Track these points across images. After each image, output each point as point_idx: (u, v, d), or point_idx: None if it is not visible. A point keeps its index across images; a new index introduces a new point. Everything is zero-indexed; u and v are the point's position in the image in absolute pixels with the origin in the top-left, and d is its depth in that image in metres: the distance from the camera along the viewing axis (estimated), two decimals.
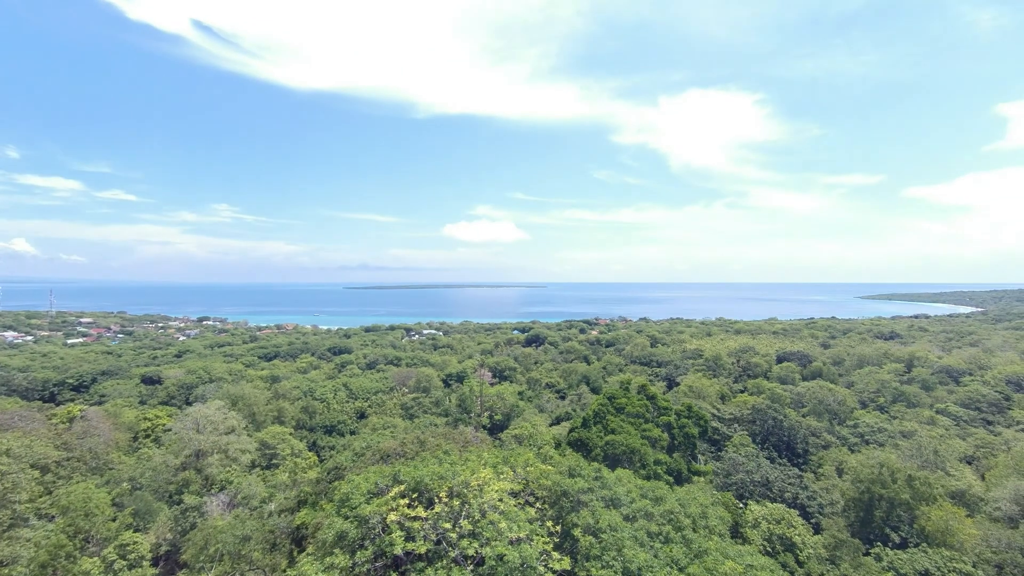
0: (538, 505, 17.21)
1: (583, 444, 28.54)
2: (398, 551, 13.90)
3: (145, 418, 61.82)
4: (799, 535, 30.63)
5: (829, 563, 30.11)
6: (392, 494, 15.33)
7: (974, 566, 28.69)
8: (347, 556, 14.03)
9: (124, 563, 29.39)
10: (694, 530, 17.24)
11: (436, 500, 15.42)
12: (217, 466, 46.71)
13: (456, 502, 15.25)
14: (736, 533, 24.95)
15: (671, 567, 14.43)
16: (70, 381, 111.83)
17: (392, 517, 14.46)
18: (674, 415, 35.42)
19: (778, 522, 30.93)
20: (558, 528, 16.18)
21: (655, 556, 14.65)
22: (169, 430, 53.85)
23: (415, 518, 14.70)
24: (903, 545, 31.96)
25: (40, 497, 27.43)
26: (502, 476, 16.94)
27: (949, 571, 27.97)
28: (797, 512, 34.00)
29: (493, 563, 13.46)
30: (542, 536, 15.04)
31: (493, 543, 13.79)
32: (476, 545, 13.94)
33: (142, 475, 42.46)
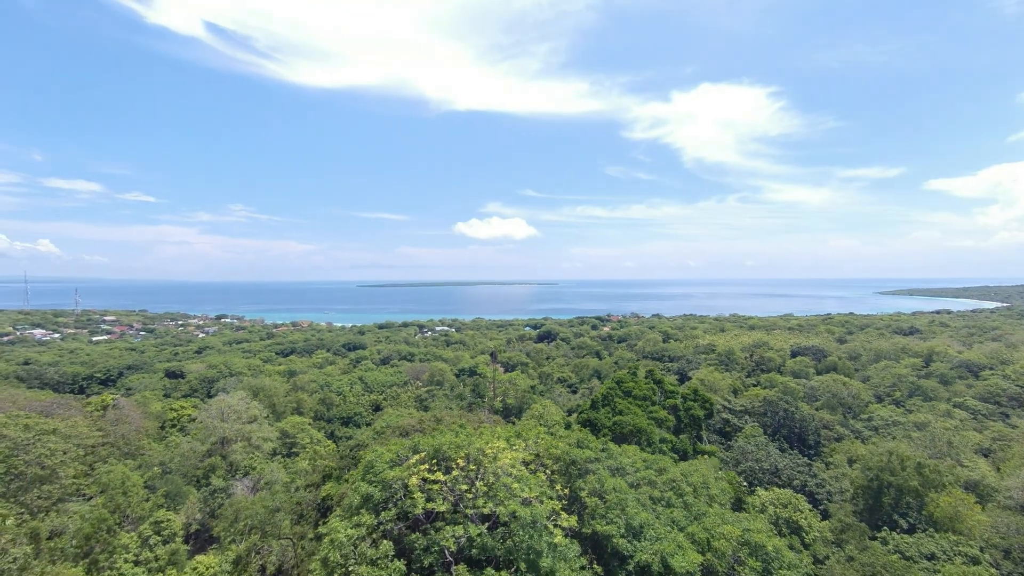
0: (548, 472, 18.28)
1: (592, 424, 29.47)
2: (419, 511, 15.09)
3: (171, 408, 64.37)
4: (805, 519, 31.14)
5: (835, 546, 30.64)
6: (413, 461, 16.54)
7: (981, 550, 28.96)
8: (372, 516, 15.26)
9: (159, 539, 31.29)
10: (695, 497, 18.13)
11: (454, 466, 16.61)
12: (241, 453, 48.72)
13: (472, 467, 16.40)
14: (739, 509, 25.63)
15: (671, 526, 15.36)
16: (98, 375, 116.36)
17: (413, 481, 15.65)
18: (680, 398, 36.13)
19: (785, 506, 31.49)
20: (566, 491, 17.26)
21: (656, 517, 15.61)
22: (194, 420, 56.21)
23: (434, 481, 15.90)
24: (911, 531, 32.30)
25: (82, 476, 29.37)
26: (515, 448, 18.03)
27: (955, 555, 28.30)
28: (805, 498, 34.48)
29: (507, 520, 14.58)
30: (552, 498, 16.13)
31: (507, 502, 14.89)
32: (491, 505, 15.07)
33: (171, 460, 44.62)
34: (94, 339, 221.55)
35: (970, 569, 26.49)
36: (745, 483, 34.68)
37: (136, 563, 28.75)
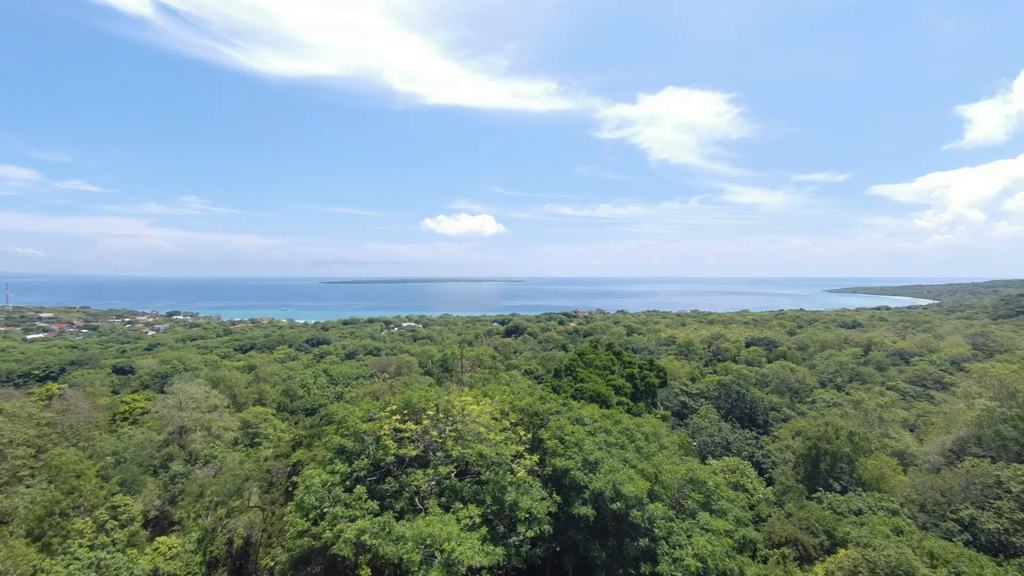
0: (512, 422, 19.45)
1: (555, 391, 30.97)
2: (391, 459, 15.87)
3: (123, 401, 61.50)
4: (751, 482, 33.87)
5: (776, 506, 33.45)
6: (384, 413, 17.28)
7: (901, 505, 32.43)
8: (346, 465, 15.91)
9: (116, 523, 30.38)
10: (647, 442, 19.82)
11: (424, 417, 17.48)
12: (200, 442, 47.35)
13: (442, 416, 17.34)
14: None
15: (624, 464, 16.86)
16: (36, 372, 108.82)
17: (385, 429, 16.42)
18: (637, 368, 38.46)
19: (732, 472, 34.10)
20: (528, 436, 18.52)
21: (610, 456, 17.10)
22: (147, 413, 54.04)
23: (406, 430, 16.72)
24: (844, 492, 35.59)
25: (31, 459, 28.13)
26: (481, 404, 19.08)
27: (879, 509, 31.59)
28: (751, 466, 37.34)
29: (474, 459, 15.61)
30: (515, 443, 17.30)
31: (474, 445, 15.92)
32: (459, 448, 16.06)
33: (126, 450, 42.92)
34: (28, 337, 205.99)
35: (890, 519, 29.67)
36: (695, 445, 37.22)
37: (92, 547, 27.89)
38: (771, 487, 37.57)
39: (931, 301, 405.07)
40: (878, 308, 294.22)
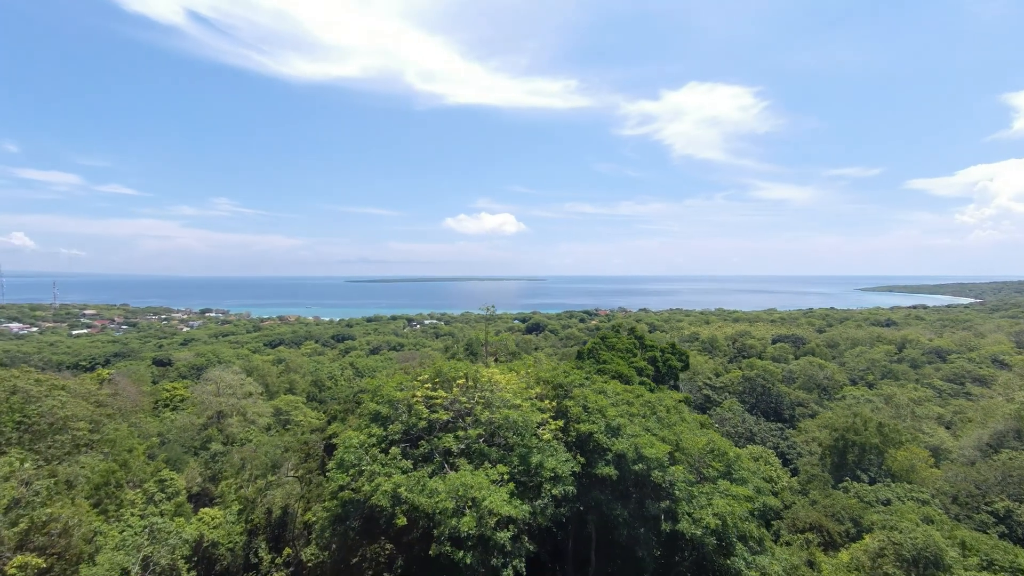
0: (537, 392, 20.23)
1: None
2: (423, 424, 16.85)
3: (164, 389, 64.97)
4: (775, 471, 33.68)
5: (801, 494, 33.18)
6: (416, 382, 18.30)
7: (932, 496, 31.74)
8: (381, 429, 16.97)
9: (163, 495, 32.49)
10: (668, 414, 20.28)
11: (455, 386, 18.44)
12: (236, 427, 49.78)
13: (471, 383, 18.25)
14: None
15: (645, 432, 17.42)
16: (83, 363, 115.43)
17: (418, 396, 17.42)
18: (659, 351, 38.71)
19: (756, 459, 33.94)
20: (553, 405, 19.27)
21: (632, 424, 17.68)
22: (185, 400, 57.11)
23: (437, 397, 17.70)
24: (872, 483, 34.98)
25: (88, 432, 30.43)
26: (507, 377, 19.90)
27: (908, 499, 31.01)
28: (775, 454, 37.03)
29: (502, 423, 16.45)
30: (541, 410, 18.06)
31: (501, 410, 16.75)
32: (487, 413, 16.93)
33: (169, 431, 45.61)
34: (74, 333, 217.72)
35: (920, 509, 29.13)
36: (716, 426, 37.23)
37: (142, 516, 29.95)
38: (796, 477, 37.22)
39: (973, 300, 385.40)
40: (914, 307, 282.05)
